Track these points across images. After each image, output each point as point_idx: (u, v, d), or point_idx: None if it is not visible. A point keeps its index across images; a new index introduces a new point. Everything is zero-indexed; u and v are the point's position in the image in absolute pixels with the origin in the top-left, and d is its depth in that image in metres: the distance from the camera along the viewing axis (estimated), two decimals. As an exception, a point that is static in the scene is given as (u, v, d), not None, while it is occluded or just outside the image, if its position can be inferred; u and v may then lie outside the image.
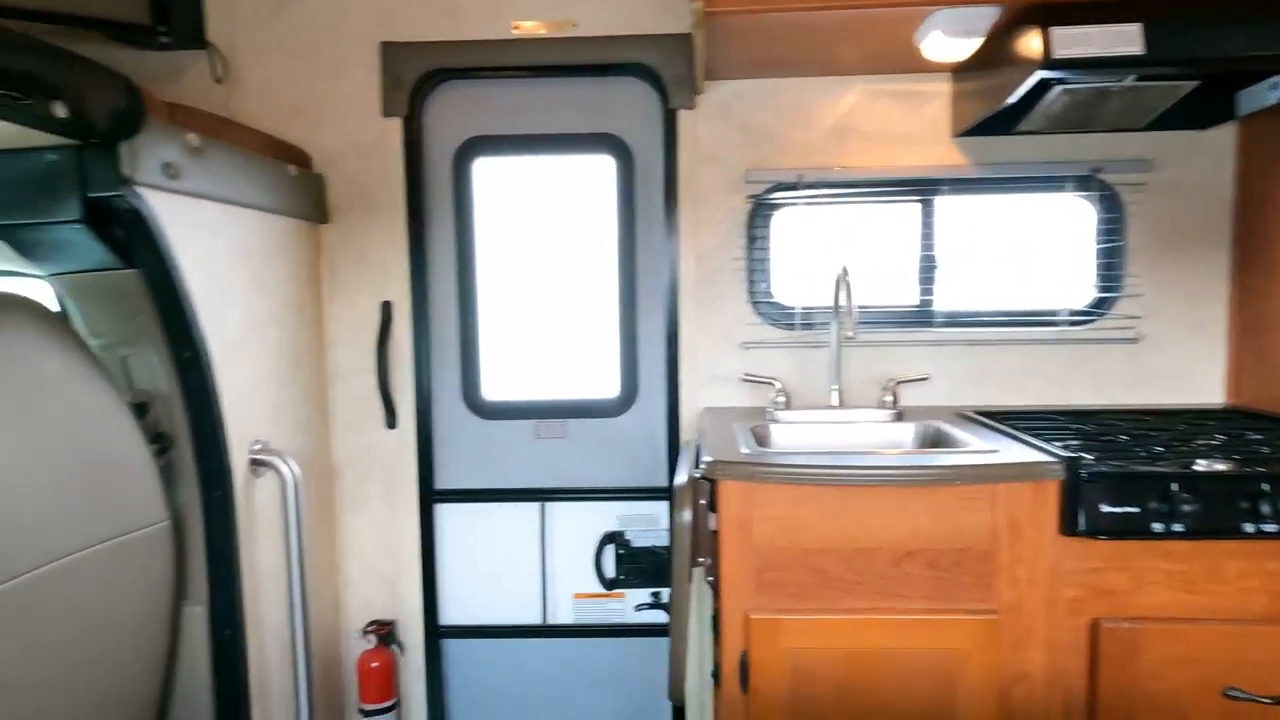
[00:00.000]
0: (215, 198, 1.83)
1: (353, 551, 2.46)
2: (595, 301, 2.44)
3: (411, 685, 2.49)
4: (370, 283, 2.38)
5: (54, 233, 1.61)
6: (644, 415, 2.45)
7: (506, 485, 2.47)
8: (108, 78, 1.46)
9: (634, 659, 2.52)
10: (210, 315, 1.78)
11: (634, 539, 2.48)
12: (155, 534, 1.72)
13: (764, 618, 1.62)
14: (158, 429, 1.82)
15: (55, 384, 1.49)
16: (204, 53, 2.25)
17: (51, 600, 1.45)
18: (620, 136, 2.37)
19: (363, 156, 2.33)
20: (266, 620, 1.99)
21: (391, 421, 2.41)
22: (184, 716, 1.86)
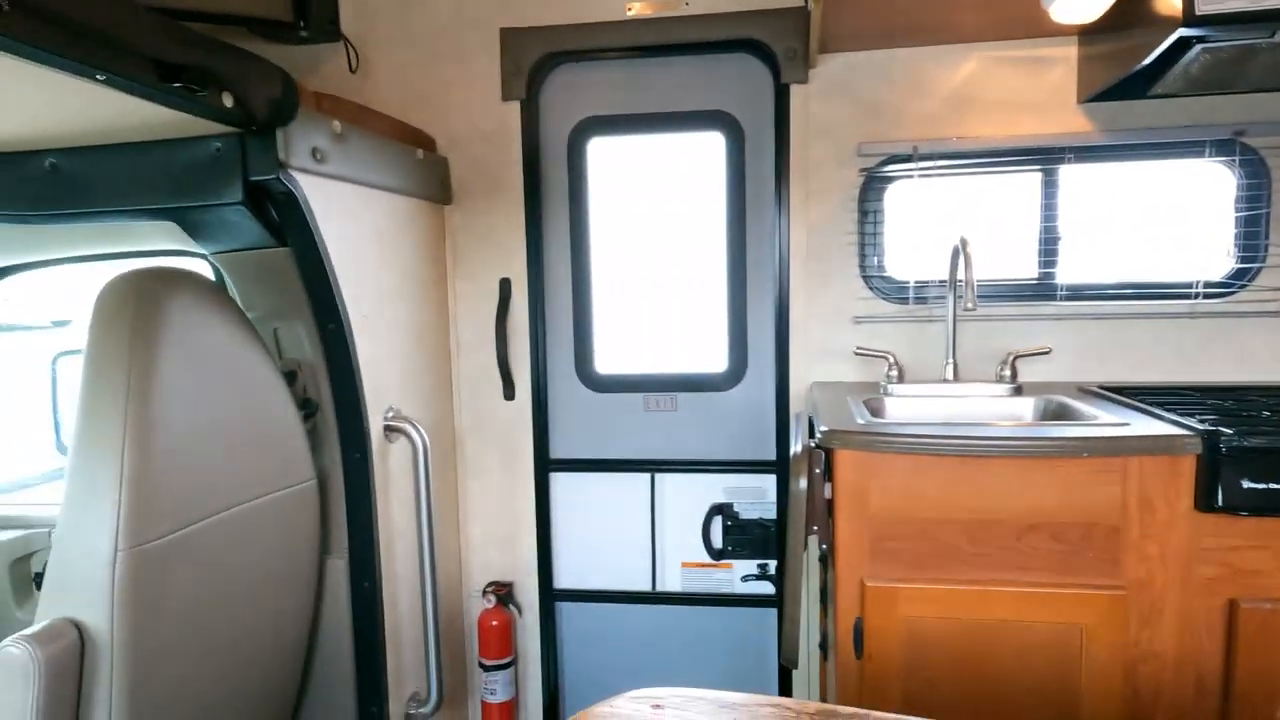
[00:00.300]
0: (353, 180, 1.96)
1: (474, 515, 2.60)
2: (705, 277, 2.48)
3: (528, 643, 2.62)
4: (490, 261, 2.49)
5: (218, 214, 1.76)
6: (753, 389, 2.48)
7: (618, 456, 2.55)
8: (267, 70, 1.59)
9: (740, 627, 2.57)
10: (349, 289, 1.92)
11: (742, 511, 2.52)
12: (304, 491, 1.87)
13: (880, 585, 1.63)
14: (304, 395, 1.97)
15: (223, 352, 1.64)
16: (339, 45, 2.39)
17: (226, 544, 1.61)
18: (730, 113, 2.39)
19: (484, 140, 2.44)
20: (399, 575, 2.14)
21: (510, 393, 2.53)
22: (328, 657, 2.03)
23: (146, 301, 1.50)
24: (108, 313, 1.48)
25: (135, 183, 1.73)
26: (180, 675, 1.53)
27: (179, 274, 1.62)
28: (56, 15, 1.13)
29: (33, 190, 1.78)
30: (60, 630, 1.38)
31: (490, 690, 2.54)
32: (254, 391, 1.72)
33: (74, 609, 1.41)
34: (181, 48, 1.38)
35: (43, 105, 1.43)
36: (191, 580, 1.54)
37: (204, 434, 1.57)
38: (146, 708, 1.46)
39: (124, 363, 1.44)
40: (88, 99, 1.38)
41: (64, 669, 1.37)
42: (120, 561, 1.39)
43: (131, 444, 1.42)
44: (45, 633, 1.37)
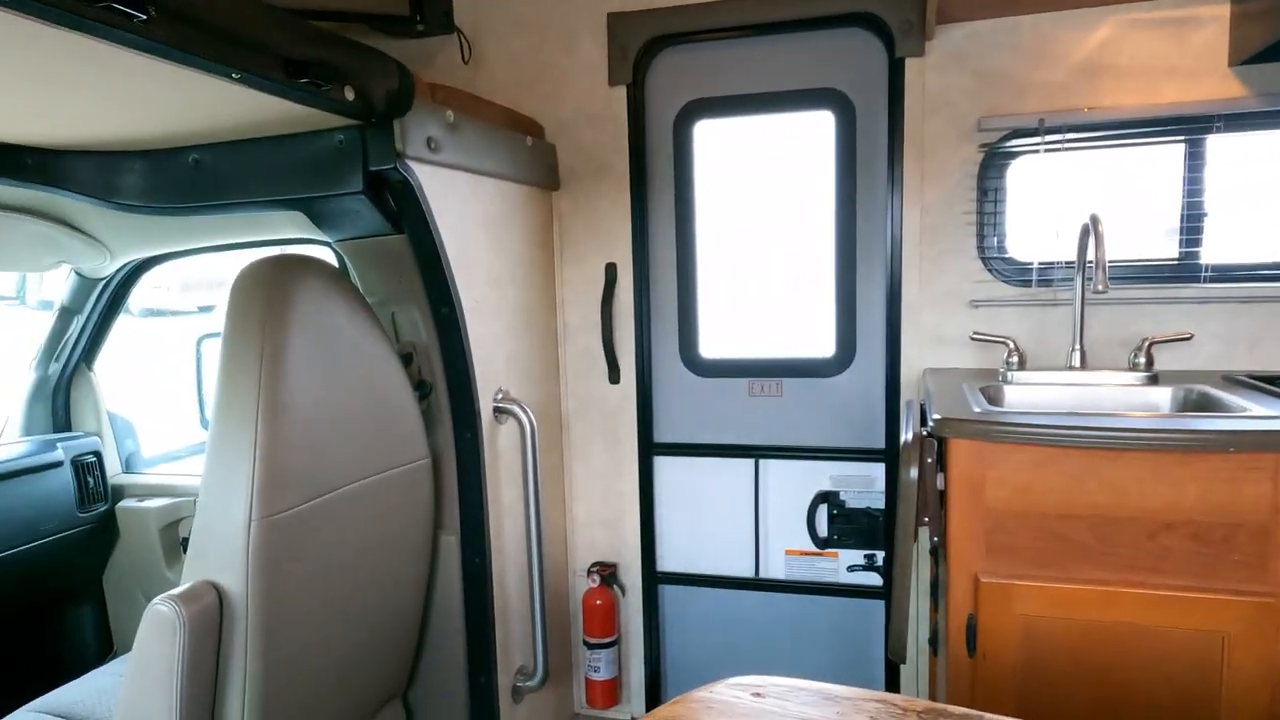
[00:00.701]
0: (465, 168, 2.02)
1: (579, 496, 2.65)
2: (812, 260, 2.43)
3: (631, 624, 2.65)
4: (596, 245, 2.51)
5: (341, 203, 1.85)
6: (861, 375, 2.41)
7: (721, 441, 2.54)
8: (385, 63, 1.65)
9: (845, 618, 2.52)
10: (461, 275, 1.97)
11: (848, 499, 2.46)
12: (419, 469, 1.95)
13: (995, 581, 1.56)
14: (420, 377, 2.05)
15: (345, 334, 1.73)
16: (453, 37, 2.46)
17: (348, 517, 1.71)
18: (841, 90, 2.32)
19: (590, 125, 2.46)
20: (507, 552, 2.20)
21: (615, 377, 2.55)
22: (441, 627, 2.11)
23: (277, 287, 1.59)
24: (242, 298, 1.58)
25: (266, 175, 1.84)
26: (307, 637, 1.63)
27: (306, 261, 1.71)
28: (196, 19, 1.21)
29: (178, 184, 1.92)
30: (202, 591, 1.50)
31: (594, 668, 2.59)
32: (373, 373, 1.80)
33: (214, 572, 1.52)
34: (307, 45, 1.45)
35: (184, 104, 1.54)
36: (317, 550, 1.63)
37: (328, 412, 1.65)
38: (277, 665, 1.56)
39: (257, 344, 1.54)
40: (223, 97, 1.47)
41: (205, 626, 1.48)
42: (254, 530, 1.49)
43: (264, 420, 1.52)
44: (189, 593, 1.49)
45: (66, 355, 2.73)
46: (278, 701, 1.58)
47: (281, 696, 1.59)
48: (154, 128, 1.73)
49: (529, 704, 2.34)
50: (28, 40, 1.13)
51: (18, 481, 2.42)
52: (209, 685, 1.52)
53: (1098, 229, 1.86)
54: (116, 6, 1.06)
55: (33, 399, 2.75)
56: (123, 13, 1.08)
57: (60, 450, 2.57)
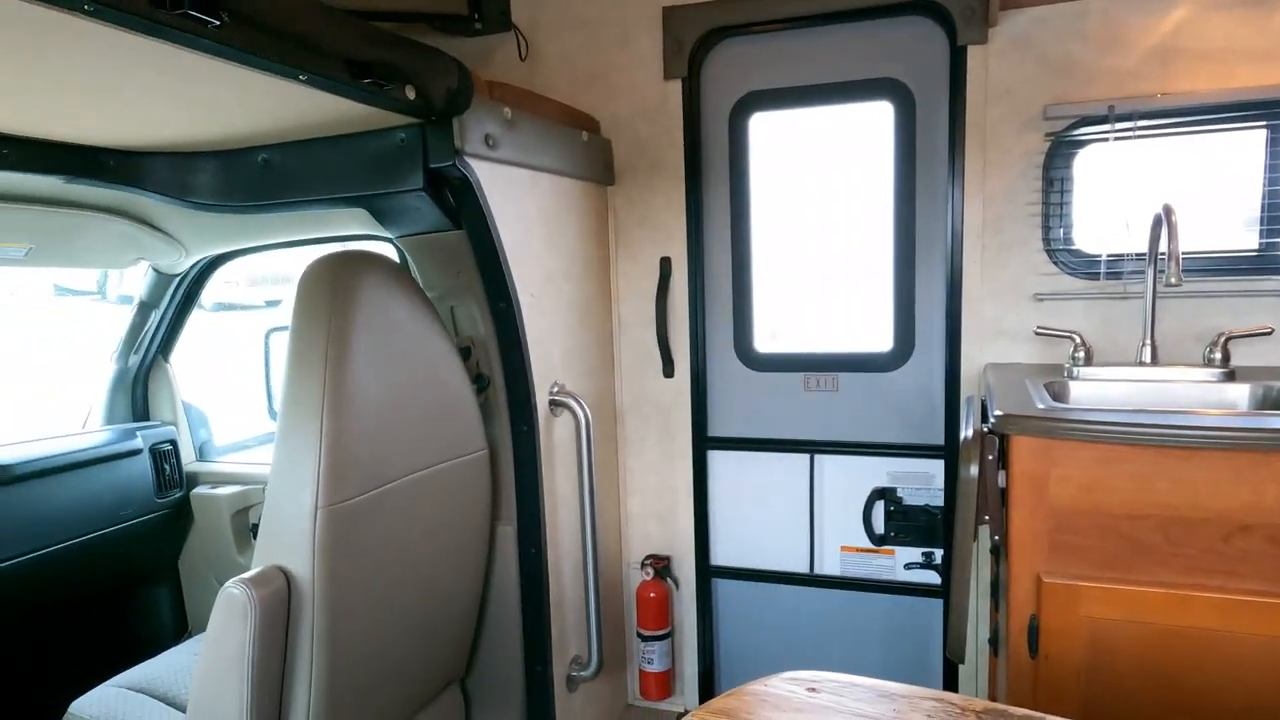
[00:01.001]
0: (522, 164, 2.04)
1: (633, 489, 2.66)
2: (869, 254, 2.39)
3: (684, 617, 2.66)
4: (651, 239, 2.52)
5: (402, 200, 1.89)
6: (920, 370, 2.37)
7: (776, 435, 2.53)
8: (445, 62, 1.68)
9: (902, 616, 2.48)
10: (518, 270, 2.00)
11: (906, 496, 2.42)
12: (477, 460, 1.99)
13: (1058, 582, 1.52)
14: (478, 370, 2.09)
15: (406, 328, 1.77)
16: (510, 34, 2.49)
17: (409, 506, 1.75)
18: (901, 80, 2.28)
19: (646, 119, 2.46)
20: (562, 543, 2.23)
21: (669, 371, 2.56)
22: (498, 616, 2.15)
23: (341, 282, 1.64)
24: (308, 293, 1.63)
25: (331, 173, 1.89)
26: (370, 621, 1.69)
27: (368, 257, 1.76)
28: (266, 23, 1.25)
29: (248, 183, 1.99)
30: (271, 576, 1.56)
31: (648, 659, 2.61)
32: (433, 366, 1.84)
33: (282, 557, 1.58)
34: (370, 46, 1.48)
35: (253, 106, 1.59)
36: (379, 537, 1.68)
37: (390, 404, 1.70)
38: (342, 647, 1.62)
39: (322, 338, 1.59)
40: (290, 98, 1.52)
41: (274, 609, 1.54)
42: (320, 518, 1.54)
43: (329, 412, 1.56)
44: (259, 577, 1.55)
45: (145, 348, 2.86)
46: (343, 681, 1.64)
47: (346, 677, 1.64)
48: (225, 129, 1.79)
49: (583, 693, 2.37)
50: (108, 47, 1.18)
51: (101, 468, 2.55)
52: (278, 665, 1.58)
53: (1171, 219, 1.80)
54: (192, 13, 1.11)
55: (114, 389, 2.88)
56: (197, 19, 1.12)
57: (139, 439, 2.69)
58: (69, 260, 2.49)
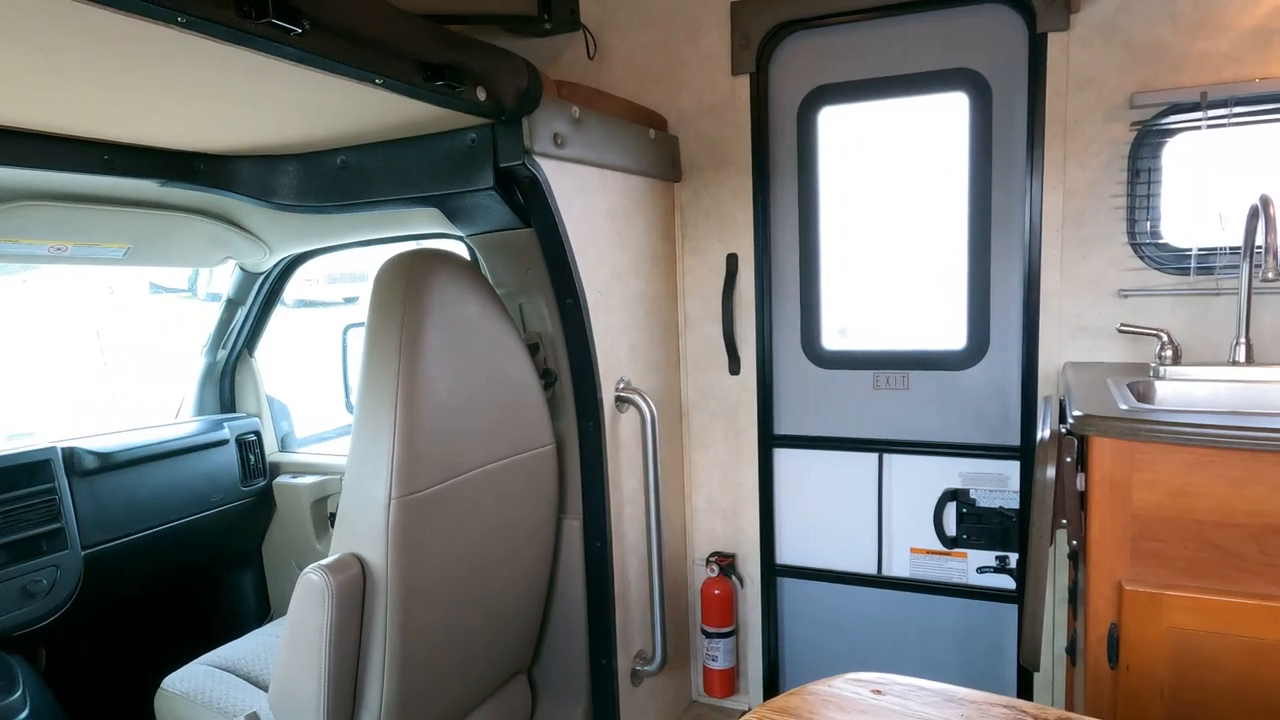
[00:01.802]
0: (589, 162, 2.06)
1: (698, 486, 2.66)
2: (942, 249, 2.33)
3: (749, 615, 2.65)
4: (718, 236, 2.51)
5: (473, 199, 1.93)
6: (994, 369, 2.30)
7: (844, 434, 2.49)
8: (514, 62, 1.71)
9: (974, 621, 2.42)
10: (585, 267, 2.02)
11: (979, 498, 2.36)
12: (544, 455, 2.02)
13: (1141, 590, 1.46)
14: (545, 366, 2.12)
15: (476, 325, 1.81)
16: (578, 34, 2.52)
17: (478, 499, 1.79)
18: (976, 70, 2.21)
19: (713, 115, 2.46)
20: (627, 538, 2.25)
21: (735, 368, 2.55)
22: (564, 609, 2.18)
23: (414, 279, 1.69)
24: (383, 290, 1.69)
25: (406, 174, 1.95)
26: (440, 610, 1.73)
27: (441, 255, 1.80)
28: (345, 30, 1.30)
29: (328, 184, 2.06)
30: (347, 563, 1.62)
31: (712, 656, 2.60)
32: (502, 361, 1.88)
33: (357, 545, 1.64)
34: (442, 49, 1.52)
35: (332, 109, 1.65)
36: (449, 528, 1.73)
37: (460, 399, 1.74)
38: (413, 633, 1.67)
39: (396, 334, 1.64)
40: (366, 102, 1.57)
41: (350, 595, 1.60)
42: (393, 508, 1.59)
43: (402, 406, 1.61)
44: (336, 564, 1.61)
45: (232, 343, 2.99)
46: (414, 667, 1.69)
47: (417, 663, 1.69)
48: (306, 132, 1.86)
49: (647, 688, 2.38)
50: (200, 56, 1.25)
51: (192, 457, 2.68)
52: (354, 649, 1.64)
53: (1269, 211, 1.70)
54: (276, 22, 1.15)
55: (203, 382, 3.02)
56: (280, 27, 1.17)
57: (226, 429, 2.82)
58: (163, 259, 2.62)
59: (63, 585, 2.26)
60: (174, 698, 2.00)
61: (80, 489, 2.34)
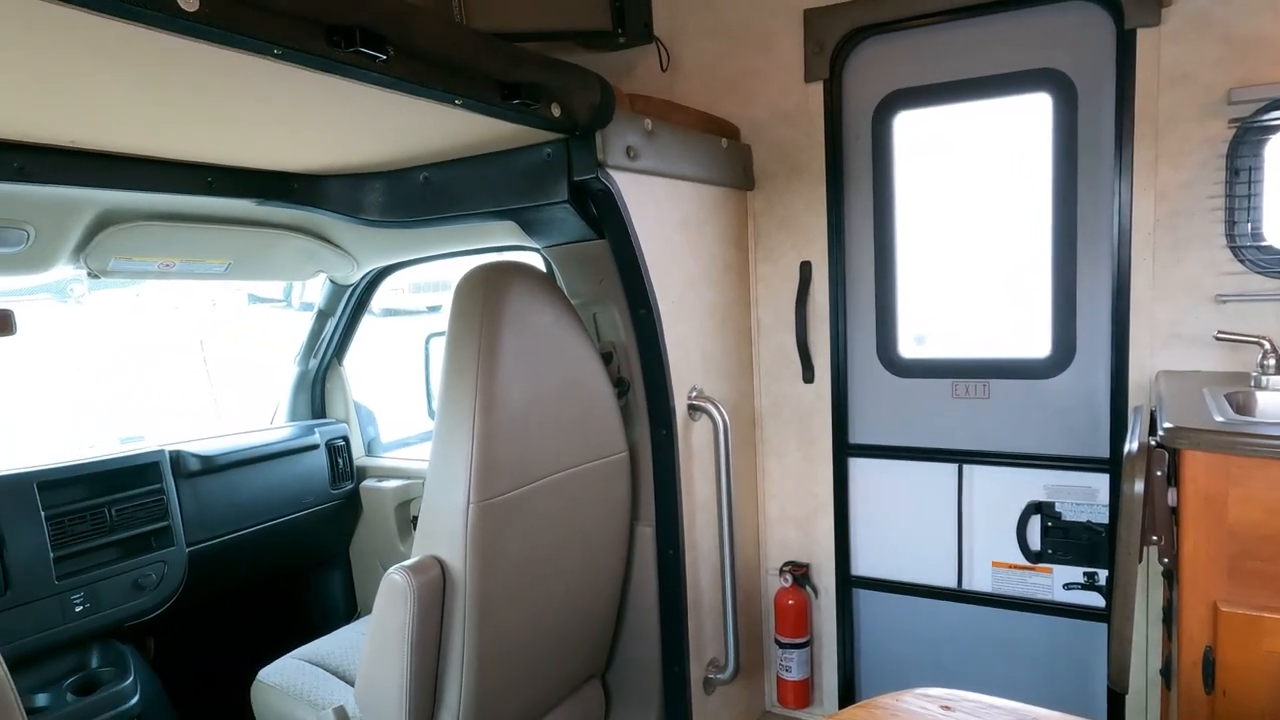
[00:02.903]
0: (662, 173, 2.09)
1: (772, 495, 2.65)
2: (1024, 254, 2.27)
3: (823, 626, 2.62)
4: (791, 244, 2.50)
5: (548, 212, 1.98)
6: (1081, 377, 2.22)
7: (921, 444, 2.44)
8: (587, 78, 1.75)
9: (1061, 639, 2.33)
10: (658, 277, 2.05)
11: (1065, 511, 2.27)
12: (618, 462, 2.05)
13: (1239, 612, 1.39)
14: (619, 375, 2.15)
15: (552, 334, 1.86)
16: (651, 46, 2.55)
17: (552, 505, 1.83)
18: (1060, 70, 2.14)
19: (786, 123, 2.45)
20: (700, 546, 2.26)
21: (808, 376, 2.53)
22: (637, 615, 2.21)
23: (492, 291, 1.75)
24: (462, 300, 1.75)
25: (484, 189, 2.01)
26: (516, 612, 1.78)
27: (517, 266, 1.86)
28: (426, 54, 1.36)
29: (411, 200, 2.15)
30: (428, 565, 1.68)
31: (786, 667, 2.58)
32: (577, 370, 1.92)
33: (438, 548, 1.70)
34: (518, 68, 1.57)
35: (415, 129, 1.72)
36: (525, 533, 1.77)
37: (536, 406, 1.79)
38: (490, 634, 1.72)
39: (475, 343, 1.70)
40: (447, 121, 1.63)
41: (431, 595, 1.66)
42: (471, 512, 1.65)
43: (480, 413, 1.67)
44: (418, 565, 1.67)
45: (322, 352, 3.14)
46: (491, 668, 1.74)
47: (494, 664, 1.74)
48: (391, 151, 1.95)
49: (720, 696, 2.38)
50: (294, 84, 1.33)
51: (285, 460, 2.82)
52: (434, 648, 1.70)
53: (1383, 211, 1.59)
54: (362, 50, 1.22)
55: (296, 389, 3.18)
56: (367, 55, 1.24)
57: (317, 434, 2.96)
58: (260, 273, 2.77)
59: (169, 580, 2.41)
60: (268, 689, 2.11)
61: (185, 490, 2.50)
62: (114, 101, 1.42)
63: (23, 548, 2.11)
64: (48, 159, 1.74)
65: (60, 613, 2.17)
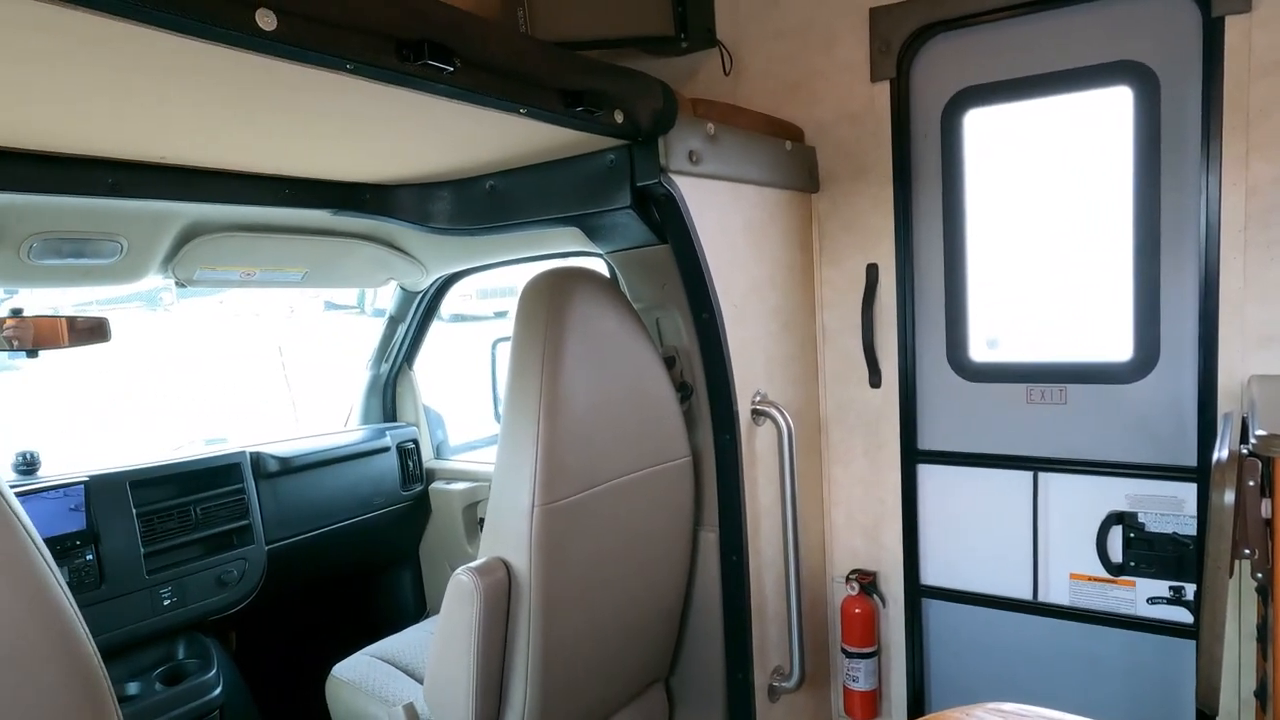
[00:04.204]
0: (725, 177, 2.08)
1: (838, 501, 2.61)
2: (1103, 253, 2.18)
3: (891, 636, 2.56)
4: (857, 247, 2.46)
5: (611, 218, 2.00)
6: (1165, 382, 2.12)
7: (994, 450, 2.37)
8: (649, 84, 1.76)
9: (1144, 656, 2.23)
10: (721, 281, 2.04)
11: (1148, 522, 2.18)
12: (681, 467, 2.05)
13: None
14: (681, 379, 2.15)
15: (615, 339, 1.87)
16: (714, 51, 2.55)
17: (616, 509, 1.84)
18: (1141, 61, 2.06)
19: (851, 124, 2.41)
20: (764, 552, 2.24)
21: (875, 380, 2.48)
22: (700, 621, 2.20)
23: (556, 297, 1.77)
24: (527, 306, 1.78)
25: (549, 196, 2.04)
26: (580, 614, 1.79)
27: (581, 272, 1.88)
28: (491, 65, 1.39)
29: (478, 208, 2.20)
30: (494, 566, 1.71)
31: (852, 677, 2.54)
32: (640, 375, 1.93)
33: (503, 550, 1.73)
34: (580, 76, 1.59)
35: (480, 138, 1.76)
36: (589, 536, 1.79)
37: (600, 411, 1.80)
38: (554, 636, 1.73)
39: (539, 348, 1.72)
40: (512, 130, 1.66)
41: (497, 596, 1.69)
42: (536, 515, 1.67)
43: (545, 417, 1.69)
44: (484, 566, 1.70)
45: (393, 356, 3.22)
46: (556, 670, 1.76)
47: (559, 666, 1.76)
48: (458, 160, 2.00)
49: (785, 705, 2.36)
50: (366, 97, 1.37)
51: (358, 462, 2.91)
52: (500, 648, 1.73)
53: None
54: (430, 63, 1.26)
55: (368, 393, 3.28)
56: (434, 67, 1.27)
57: (388, 437, 3.04)
58: (334, 281, 2.87)
59: (250, 576, 2.51)
60: (342, 684, 2.17)
61: (264, 490, 2.60)
62: (199, 119, 1.49)
63: (116, 544, 2.23)
64: (139, 175, 1.83)
65: (150, 606, 2.28)
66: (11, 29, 1.01)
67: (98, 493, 2.22)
